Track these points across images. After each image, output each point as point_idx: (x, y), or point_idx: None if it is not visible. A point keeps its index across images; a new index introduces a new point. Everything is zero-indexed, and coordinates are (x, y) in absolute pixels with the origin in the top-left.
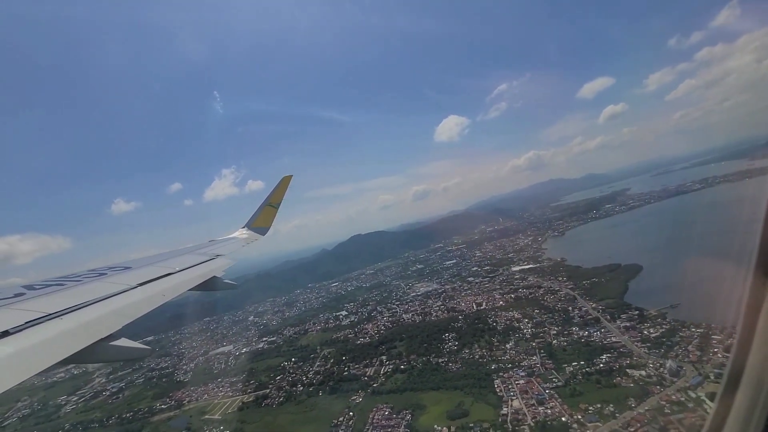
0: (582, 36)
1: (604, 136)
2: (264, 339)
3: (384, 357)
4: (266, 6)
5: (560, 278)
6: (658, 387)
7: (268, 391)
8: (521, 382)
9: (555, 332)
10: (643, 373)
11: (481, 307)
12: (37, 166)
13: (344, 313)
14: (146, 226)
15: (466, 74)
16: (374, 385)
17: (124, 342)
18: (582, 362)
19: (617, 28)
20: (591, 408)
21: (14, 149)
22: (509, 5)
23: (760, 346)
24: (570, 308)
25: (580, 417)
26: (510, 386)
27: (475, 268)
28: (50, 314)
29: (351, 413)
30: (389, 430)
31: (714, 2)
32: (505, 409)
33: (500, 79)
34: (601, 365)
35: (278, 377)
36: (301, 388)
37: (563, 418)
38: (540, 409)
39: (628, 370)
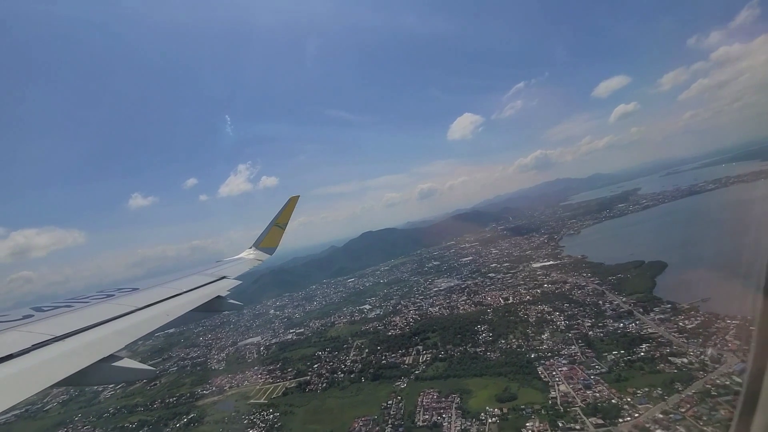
0: (603, 34)
1: (613, 135)
2: (291, 331)
3: (420, 347)
4: (280, 9)
5: (584, 274)
6: (701, 372)
7: (308, 378)
8: (564, 368)
9: (589, 324)
10: (685, 360)
11: (509, 301)
12: (59, 162)
13: (368, 306)
14: (162, 220)
15: (484, 74)
16: (416, 372)
17: (127, 363)
18: (622, 351)
19: (639, 27)
20: (639, 391)
21: (37, 145)
22: (532, 4)
23: None
24: (600, 302)
25: (629, 399)
26: (554, 372)
27: (494, 265)
28: (57, 336)
29: (399, 397)
30: (441, 411)
31: (736, 1)
32: (553, 392)
33: (519, 77)
34: (642, 354)
35: (315, 365)
36: (342, 375)
37: (613, 401)
38: (588, 392)
39: (670, 357)
